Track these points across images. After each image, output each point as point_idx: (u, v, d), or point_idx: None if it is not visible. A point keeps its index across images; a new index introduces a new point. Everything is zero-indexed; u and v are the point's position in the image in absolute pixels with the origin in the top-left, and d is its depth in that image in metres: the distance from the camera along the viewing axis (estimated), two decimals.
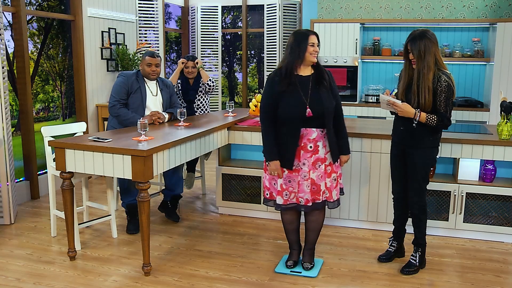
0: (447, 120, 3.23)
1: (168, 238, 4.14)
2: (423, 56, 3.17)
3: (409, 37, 3.27)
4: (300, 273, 3.44)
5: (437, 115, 3.22)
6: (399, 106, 3.25)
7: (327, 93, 3.24)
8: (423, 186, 3.40)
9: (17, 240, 4.09)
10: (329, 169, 3.31)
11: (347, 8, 6.78)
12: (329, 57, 6.45)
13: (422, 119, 3.21)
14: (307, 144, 3.23)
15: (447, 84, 3.17)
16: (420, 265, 3.52)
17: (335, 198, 3.37)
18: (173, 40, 8.88)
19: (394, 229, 3.70)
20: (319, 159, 3.26)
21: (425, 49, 3.17)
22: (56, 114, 5.91)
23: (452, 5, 6.37)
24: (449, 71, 3.27)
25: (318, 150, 3.25)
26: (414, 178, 3.38)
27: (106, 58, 6.21)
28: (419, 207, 3.41)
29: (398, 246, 3.71)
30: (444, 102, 3.19)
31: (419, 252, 3.51)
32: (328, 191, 3.33)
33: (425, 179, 3.40)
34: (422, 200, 3.41)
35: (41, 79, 5.69)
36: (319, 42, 3.26)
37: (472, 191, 4.03)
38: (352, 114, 6.40)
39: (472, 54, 6.19)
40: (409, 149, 3.36)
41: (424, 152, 3.34)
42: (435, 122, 3.21)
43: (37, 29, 5.66)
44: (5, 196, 4.38)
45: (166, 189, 4.52)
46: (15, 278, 3.40)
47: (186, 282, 3.35)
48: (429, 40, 3.18)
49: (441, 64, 3.23)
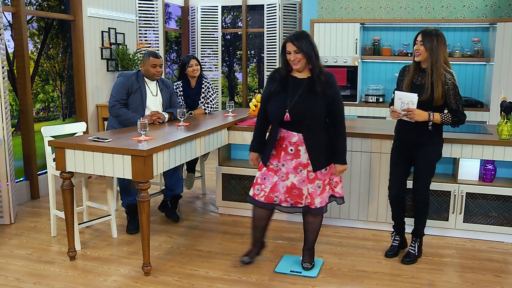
0: (461, 115, 3.35)
1: (168, 238, 4.14)
2: (434, 52, 3.28)
3: (422, 31, 3.36)
4: (300, 273, 3.44)
5: (450, 112, 3.34)
6: (413, 111, 3.30)
7: (317, 99, 3.12)
8: (429, 179, 3.56)
9: (17, 240, 4.09)
10: (312, 175, 3.24)
11: (347, 8, 6.78)
12: (329, 57, 6.45)
13: (437, 120, 3.33)
14: (288, 146, 3.22)
15: (452, 82, 3.31)
16: (418, 255, 3.67)
17: (318, 205, 3.28)
18: (173, 40, 8.88)
19: (395, 225, 3.78)
20: (301, 163, 3.22)
21: (437, 46, 3.29)
22: (56, 114, 5.91)
23: (452, 5, 6.37)
24: (453, 70, 3.38)
25: (300, 155, 3.21)
26: (423, 174, 3.52)
27: (106, 58, 6.21)
28: (424, 201, 3.56)
29: (401, 239, 3.80)
30: (454, 99, 3.32)
31: (418, 242, 3.66)
32: (310, 197, 3.27)
33: (432, 173, 3.56)
34: (427, 194, 3.56)
35: (41, 79, 5.69)
36: (306, 46, 3.06)
37: (472, 191, 4.03)
38: (352, 114, 6.41)
39: (472, 54, 6.19)
40: (419, 146, 3.46)
41: (434, 148, 3.49)
42: (450, 119, 3.34)
43: (37, 29, 5.66)
44: (5, 196, 4.38)
45: (166, 189, 4.52)
46: (15, 278, 3.40)
47: (186, 282, 3.35)
48: (441, 38, 3.31)
49: (447, 63, 3.37)
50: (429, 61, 3.31)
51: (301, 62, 3.11)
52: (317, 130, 3.19)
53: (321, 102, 3.13)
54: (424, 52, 3.33)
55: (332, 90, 3.15)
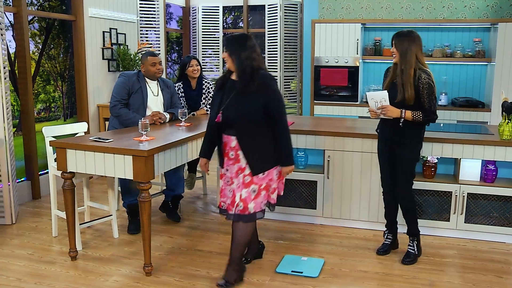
0: (432, 114, 3.41)
1: (169, 238, 4.14)
2: (405, 53, 3.38)
3: (395, 33, 3.49)
4: (302, 273, 3.44)
5: (422, 110, 3.39)
6: (386, 108, 3.40)
7: (249, 101, 3.04)
8: (410, 180, 3.59)
9: (18, 240, 4.09)
10: (248, 179, 3.12)
11: (348, 8, 6.78)
12: (330, 57, 6.45)
13: (408, 117, 3.39)
14: (229, 151, 3.19)
15: (427, 81, 3.36)
16: (418, 254, 3.68)
17: (251, 210, 3.12)
18: (174, 41, 8.88)
19: (387, 223, 3.83)
20: (240, 168, 3.15)
21: (407, 48, 3.38)
22: (57, 114, 5.91)
23: (453, 5, 6.37)
24: (430, 70, 3.45)
25: (240, 159, 3.14)
26: (402, 173, 3.56)
27: (107, 58, 6.22)
28: (407, 200, 3.61)
29: (393, 238, 3.85)
30: (427, 98, 3.38)
31: (415, 241, 3.68)
32: (243, 203, 3.11)
33: (412, 173, 3.59)
34: (410, 193, 3.61)
35: (42, 79, 5.69)
36: (233, 47, 3.06)
37: (473, 191, 4.02)
38: (353, 114, 6.41)
39: (473, 54, 6.18)
40: (397, 145, 3.52)
41: (411, 147, 3.52)
42: (421, 117, 3.39)
43: (38, 29, 5.67)
44: (6, 196, 4.38)
45: (167, 189, 4.52)
46: (16, 278, 3.40)
47: (187, 282, 3.35)
48: (412, 40, 3.41)
49: (422, 63, 3.44)
50: (400, 62, 3.41)
51: (228, 62, 3.12)
52: (254, 132, 3.10)
53: (254, 104, 3.04)
54: (397, 54, 3.43)
55: (267, 90, 3.07)
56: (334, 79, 6.49)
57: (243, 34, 3.17)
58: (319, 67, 6.54)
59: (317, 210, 4.40)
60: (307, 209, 4.43)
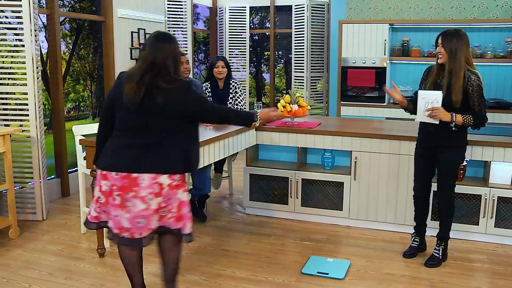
0: (483, 118, 3.30)
1: (195, 237, 4.17)
2: (455, 53, 3.24)
3: (442, 32, 3.33)
4: (327, 275, 3.43)
5: (472, 114, 3.29)
6: (438, 109, 3.27)
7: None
8: (453, 182, 3.53)
9: (49, 236, 4.18)
10: None
11: (375, 8, 6.72)
12: (357, 58, 6.41)
13: (459, 121, 3.28)
14: None
15: (477, 83, 3.25)
16: (442, 259, 3.61)
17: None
18: (201, 41, 8.94)
19: (416, 226, 3.77)
20: None
21: (457, 47, 3.23)
22: (86, 113, 6.02)
23: (484, 4, 6.24)
24: (478, 71, 3.32)
25: None
26: (445, 175, 3.49)
27: (136, 58, 6.29)
28: (448, 203, 3.53)
29: (420, 241, 3.78)
30: (477, 101, 3.27)
31: (442, 245, 3.61)
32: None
33: (455, 175, 3.53)
34: (451, 196, 3.53)
35: (72, 79, 5.81)
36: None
37: (504, 195, 3.94)
38: (380, 115, 6.35)
39: (504, 54, 6.05)
40: (441, 148, 3.43)
41: (458, 150, 3.45)
42: (472, 121, 3.29)
43: (69, 30, 5.78)
44: (38, 193, 4.48)
45: (194, 188, 4.56)
46: (47, 273, 3.48)
47: (213, 281, 3.37)
48: (461, 39, 3.25)
49: (470, 63, 3.30)
50: (449, 62, 3.28)
51: None
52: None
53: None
54: (445, 54, 3.30)
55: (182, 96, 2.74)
56: (361, 80, 6.45)
57: (170, 37, 2.86)
58: (346, 67, 6.50)
59: (343, 211, 4.38)
60: (334, 210, 4.41)
